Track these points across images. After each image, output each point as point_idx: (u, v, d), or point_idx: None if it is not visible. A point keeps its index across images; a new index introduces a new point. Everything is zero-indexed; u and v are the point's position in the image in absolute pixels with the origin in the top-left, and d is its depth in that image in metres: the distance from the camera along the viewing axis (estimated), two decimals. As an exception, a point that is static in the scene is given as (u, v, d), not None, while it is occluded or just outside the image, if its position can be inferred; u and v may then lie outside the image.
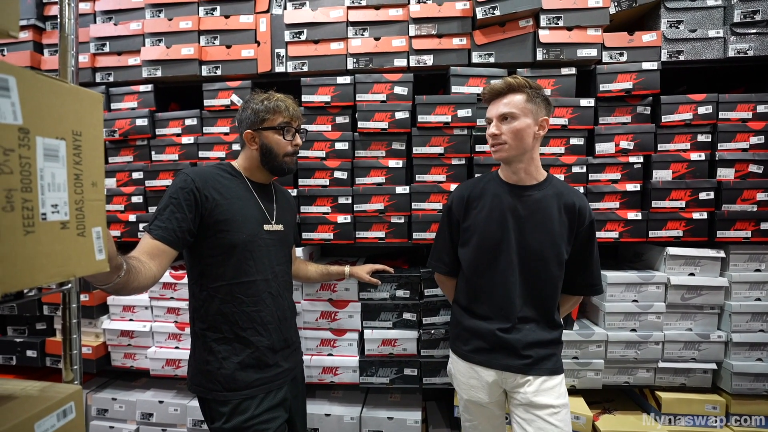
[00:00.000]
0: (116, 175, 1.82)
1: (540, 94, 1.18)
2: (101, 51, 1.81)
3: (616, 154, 1.62)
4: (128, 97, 1.81)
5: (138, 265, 0.94)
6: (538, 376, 1.20)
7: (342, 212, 1.69)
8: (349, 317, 1.69)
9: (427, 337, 1.64)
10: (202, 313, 1.16)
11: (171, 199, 1.09)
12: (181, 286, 1.72)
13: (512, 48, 1.64)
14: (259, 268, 1.17)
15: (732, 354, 1.60)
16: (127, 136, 1.80)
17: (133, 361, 1.79)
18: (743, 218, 1.57)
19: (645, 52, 1.61)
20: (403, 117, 1.66)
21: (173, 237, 1.06)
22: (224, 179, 1.19)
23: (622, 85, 1.60)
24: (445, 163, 1.67)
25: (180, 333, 1.74)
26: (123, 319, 1.79)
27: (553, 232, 1.19)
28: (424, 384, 1.65)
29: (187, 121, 1.78)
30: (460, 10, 1.64)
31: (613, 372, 1.65)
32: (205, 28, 1.75)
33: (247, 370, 1.15)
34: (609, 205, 1.63)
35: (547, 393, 1.18)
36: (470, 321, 1.29)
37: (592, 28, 1.61)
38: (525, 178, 1.22)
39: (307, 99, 1.69)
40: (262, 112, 1.19)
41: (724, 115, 1.60)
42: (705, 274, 1.60)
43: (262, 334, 1.17)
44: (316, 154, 1.70)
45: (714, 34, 1.59)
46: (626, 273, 1.62)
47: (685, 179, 1.60)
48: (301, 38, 1.70)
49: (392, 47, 1.67)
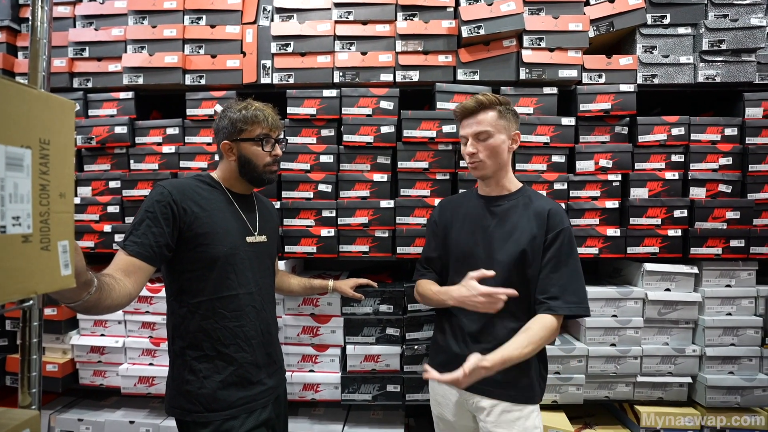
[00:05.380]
0: (92, 184, 1.75)
1: (509, 109, 1.21)
2: (80, 56, 1.76)
3: (595, 172, 1.67)
4: (107, 104, 1.76)
5: (111, 282, 0.90)
6: (496, 401, 1.15)
7: (326, 225, 1.67)
8: (331, 332, 1.66)
9: (410, 352, 1.63)
10: (182, 331, 1.11)
11: (147, 212, 1.05)
12: (157, 299, 1.65)
13: (496, 66, 1.68)
14: (241, 282, 1.14)
15: (706, 367, 1.64)
16: (105, 144, 1.74)
17: (103, 378, 1.71)
18: (714, 236, 1.63)
19: (622, 74, 1.67)
20: (389, 131, 1.66)
21: (149, 252, 1.02)
22: (203, 191, 1.16)
23: (601, 106, 1.65)
24: (429, 177, 1.68)
25: (155, 349, 1.66)
26: (94, 334, 1.71)
27: (520, 242, 1.16)
28: (407, 401, 1.63)
29: (168, 130, 1.74)
30: (446, 28, 1.67)
31: (593, 386, 1.67)
32: (189, 36, 1.72)
33: (229, 389, 1.10)
34: (589, 222, 1.66)
35: (508, 426, 1.13)
36: (438, 335, 1.32)
37: (573, 50, 1.66)
38: (497, 189, 1.26)
39: (293, 111, 1.68)
40: (240, 122, 1.15)
41: (696, 137, 1.67)
42: (680, 290, 1.65)
43: (245, 349, 1.13)
44: (301, 166, 1.69)
45: (685, 60, 1.67)
46: (606, 288, 1.66)
47: (660, 197, 1.66)
48: (288, 50, 1.69)
49: (379, 62, 1.68)
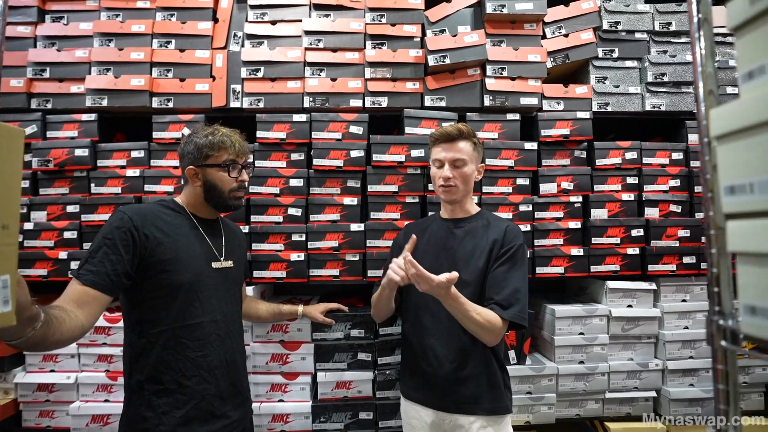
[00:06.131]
0: (47, 208, 1.66)
1: (480, 143, 1.32)
2: (40, 76, 1.71)
3: (558, 194, 1.74)
4: (68, 126, 1.70)
5: (61, 315, 0.84)
6: (475, 417, 1.18)
7: (295, 250, 1.65)
8: (301, 359, 1.61)
9: (382, 378, 1.60)
10: (141, 363, 1.05)
11: (105, 239, 1.01)
12: (115, 330, 1.56)
13: (462, 93, 1.76)
14: (206, 309, 1.10)
15: (668, 381, 1.69)
16: (64, 167, 1.67)
17: (50, 419, 1.57)
18: (669, 253, 1.72)
19: (579, 102, 1.78)
20: (359, 155, 1.69)
21: (106, 281, 0.97)
22: (166, 216, 1.13)
23: (560, 131, 1.75)
24: (399, 201, 1.70)
25: (111, 384, 1.56)
26: (42, 370, 1.58)
27: (481, 260, 1.23)
28: (380, 428, 1.58)
29: (133, 153, 1.69)
30: (413, 57, 1.74)
31: (564, 405, 1.68)
32: (158, 60, 1.71)
33: (190, 424, 1.04)
34: (554, 242, 1.72)
35: None
36: (409, 357, 1.32)
37: (533, 79, 1.76)
38: (460, 212, 1.33)
39: (263, 135, 1.68)
40: (206, 148, 1.14)
41: (647, 160, 1.78)
42: (641, 306, 1.71)
43: (208, 381, 1.08)
44: (270, 190, 1.68)
45: (633, 90, 1.80)
46: (573, 306, 1.70)
47: (618, 217, 1.74)
48: (258, 75, 1.71)
49: (348, 88, 1.72)
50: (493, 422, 1.18)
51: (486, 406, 1.19)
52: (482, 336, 1.16)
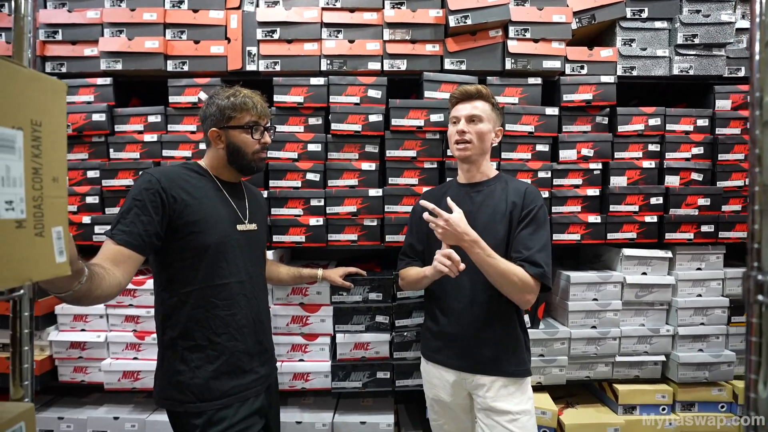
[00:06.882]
0: (69, 174, 1.68)
1: (499, 108, 1.32)
2: (52, 39, 1.68)
3: (577, 161, 1.72)
4: (83, 90, 1.69)
5: (101, 272, 0.87)
6: (496, 377, 1.21)
7: (314, 215, 1.67)
8: (321, 321, 1.66)
9: (399, 339, 1.65)
10: (173, 321, 1.09)
11: (135, 201, 1.02)
12: (141, 292, 1.61)
13: (483, 56, 1.71)
14: (232, 270, 1.13)
15: (678, 346, 1.73)
16: (82, 132, 1.67)
17: (84, 375, 1.66)
18: (687, 221, 1.71)
19: (603, 66, 1.72)
20: (377, 120, 1.67)
21: (139, 241, 1.00)
22: (192, 179, 1.13)
23: (583, 96, 1.70)
24: (417, 166, 1.69)
25: (139, 342, 1.63)
26: (74, 329, 1.65)
27: (503, 224, 1.22)
28: (396, 387, 1.65)
29: (150, 117, 1.69)
30: (434, 18, 1.68)
31: (575, 367, 1.73)
32: (171, 21, 1.67)
33: (222, 378, 1.10)
34: (571, 209, 1.72)
35: (507, 399, 1.20)
36: (430, 321, 1.36)
37: (556, 41, 1.70)
38: (477, 176, 1.32)
39: (280, 99, 1.65)
40: (229, 110, 1.13)
41: (671, 127, 1.74)
42: (655, 274, 1.73)
43: (237, 338, 1.13)
44: (288, 155, 1.67)
45: (661, 53, 1.73)
46: (587, 273, 1.72)
47: (638, 185, 1.73)
48: (274, 37, 1.66)
49: (366, 50, 1.68)
50: (513, 382, 1.22)
51: (507, 368, 1.22)
52: (515, 294, 1.16)
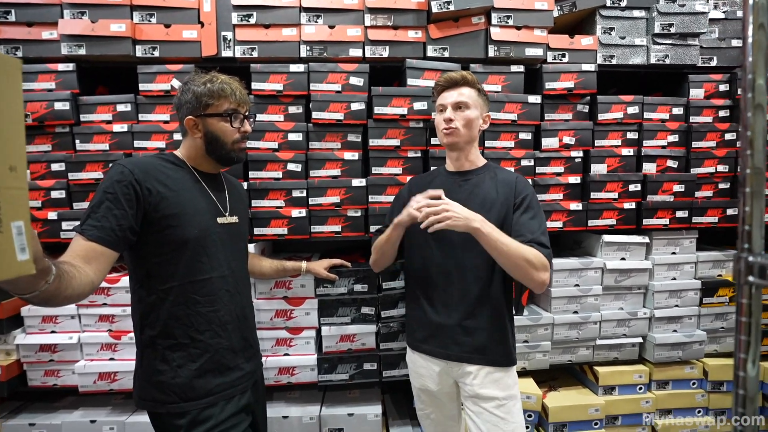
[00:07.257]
0: (29, 167, 1.57)
1: (485, 94, 1.30)
2: (5, 20, 1.55)
3: (559, 149, 1.74)
4: (43, 77, 1.57)
5: (71, 270, 0.82)
6: (481, 366, 1.21)
7: (296, 206, 1.62)
8: (305, 314, 1.63)
9: (386, 330, 1.64)
10: (152, 319, 1.04)
11: (106, 194, 0.96)
12: (115, 290, 1.54)
13: (465, 43, 1.69)
14: (214, 265, 1.08)
15: (654, 328, 1.79)
16: (43, 122, 1.56)
17: (56, 378, 1.57)
18: (663, 207, 1.77)
19: (584, 54, 1.74)
20: (359, 108, 1.63)
21: (112, 237, 0.94)
22: (168, 170, 1.07)
23: (564, 84, 1.71)
24: (401, 155, 1.67)
25: (116, 342, 1.55)
26: (42, 331, 1.56)
27: (492, 212, 1.21)
28: (383, 377, 1.65)
29: (119, 106, 1.59)
30: (416, 3, 1.64)
31: (558, 352, 1.77)
32: (138, 2, 1.57)
33: (205, 376, 1.05)
34: (554, 197, 1.74)
35: (493, 385, 1.20)
36: (415, 310, 1.34)
37: (538, 28, 1.70)
38: (466, 164, 1.31)
39: (258, 87, 1.59)
40: (206, 97, 1.07)
41: (648, 116, 1.78)
42: (633, 259, 1.78)
43: (221, 335, 1.08)
44: (268, 145, 1.62)
45: (639, 42, 1.76)
46: (569, 260, 1.75)
47: (617, 173, 1.76)
48: (251, 21, 1.59)
49: (347, 36, 1.63)
50: (499, 370, 1.22)
51: (494, 357, 1.22)
52: (532, 274, 1.11)
